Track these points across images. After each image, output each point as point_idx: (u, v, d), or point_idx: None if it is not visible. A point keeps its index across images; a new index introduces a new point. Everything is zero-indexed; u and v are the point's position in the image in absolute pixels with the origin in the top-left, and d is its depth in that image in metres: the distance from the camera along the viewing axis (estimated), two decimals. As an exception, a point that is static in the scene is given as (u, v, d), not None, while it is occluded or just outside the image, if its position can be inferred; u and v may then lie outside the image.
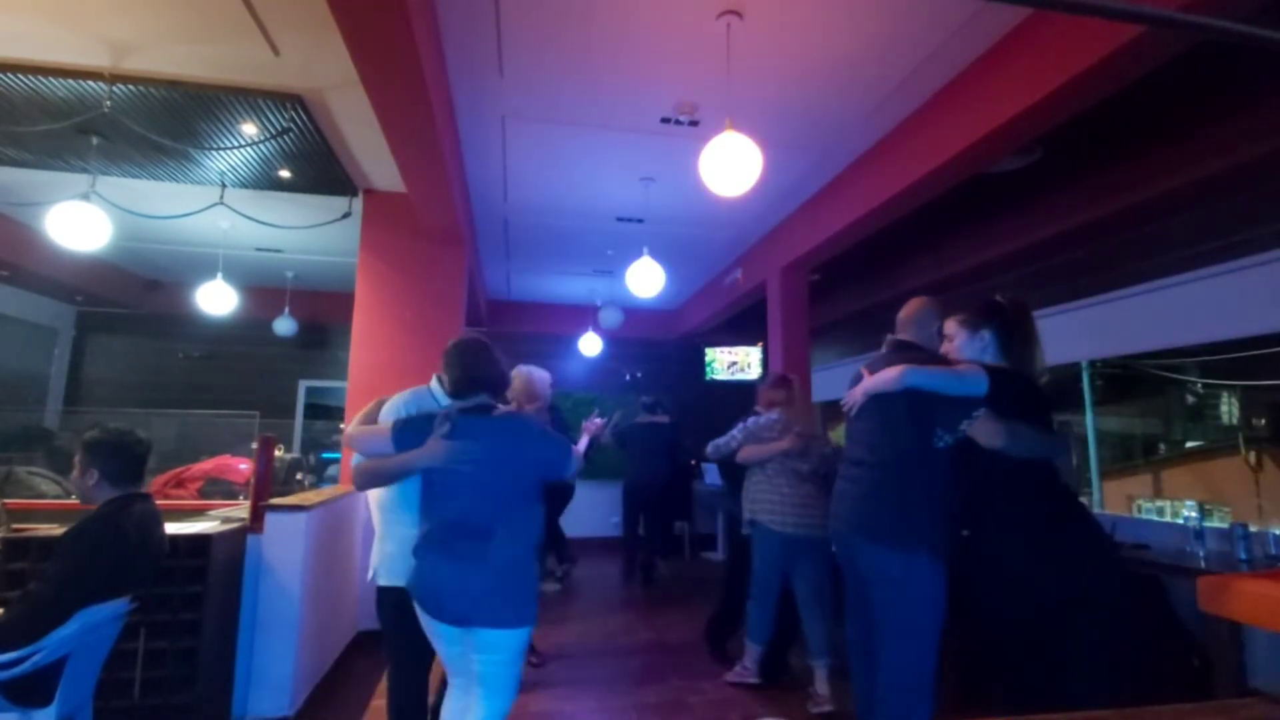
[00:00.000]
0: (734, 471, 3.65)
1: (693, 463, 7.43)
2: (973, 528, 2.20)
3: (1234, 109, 3.24)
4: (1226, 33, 0.65)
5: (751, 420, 3.55)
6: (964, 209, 4.58)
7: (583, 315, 7.79)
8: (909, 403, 2.10)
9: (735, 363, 8.18)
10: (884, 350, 2.38)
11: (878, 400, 2.18)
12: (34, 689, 1.85)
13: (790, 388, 3.60)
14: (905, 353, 2.29)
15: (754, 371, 8.06)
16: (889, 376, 2.11)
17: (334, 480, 4.85)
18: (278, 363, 7.62)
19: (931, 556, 2.11)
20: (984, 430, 2.07)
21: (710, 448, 3.60)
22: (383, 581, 2.10)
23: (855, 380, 2.32)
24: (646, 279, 4.56)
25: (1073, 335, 4.47)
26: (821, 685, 3.20)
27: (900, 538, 2.11)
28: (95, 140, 3.71)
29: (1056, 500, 2.11)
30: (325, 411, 7.78)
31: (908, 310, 2.44)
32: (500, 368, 2.07)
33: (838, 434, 3.68)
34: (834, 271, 6.02)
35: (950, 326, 2.36)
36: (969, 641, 2.82)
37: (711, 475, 6.95)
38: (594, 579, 6.14)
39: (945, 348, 2.36)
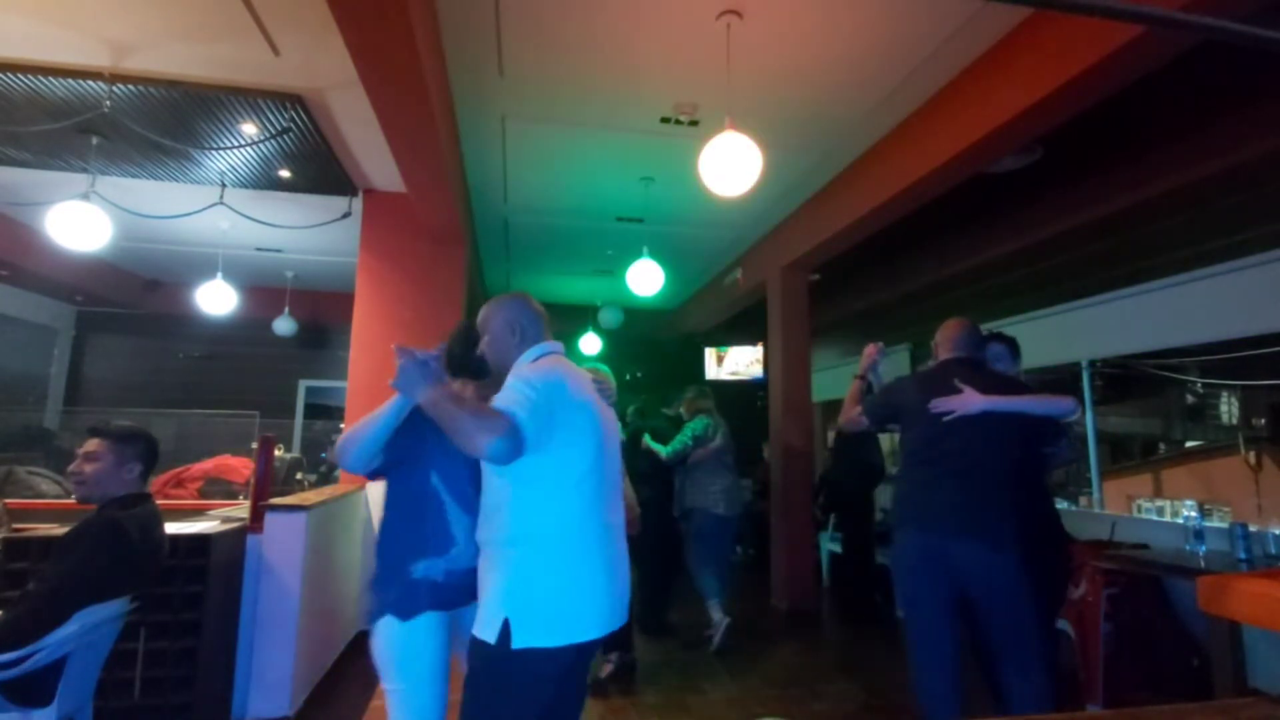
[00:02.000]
0: (664, 471, 4.38)
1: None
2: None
3: (1234, 109, 3.24)
4: (1226, 33, 0.65)
5: (705, 423, 4.23)
6: (965, 209, 4.58)
7: (583, 315, 7.79)
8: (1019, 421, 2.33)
9: (735, 372, 8.16)
10: (951, 369, 2.47)
11: (985, 415, 2.31)
12: (34, 689, 1.85)
13: (711, 396, 4.47)
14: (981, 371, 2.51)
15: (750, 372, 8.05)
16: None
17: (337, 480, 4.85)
18: (278, 363, 7.62)
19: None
20: None
21: (671, 454, 4.22)
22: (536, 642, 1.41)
23: (940, 388, 2.38)
24: (646, 279, 4.57)
25: (1073, 335, 4.47)
26: (716, 613, 4.10)
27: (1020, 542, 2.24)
28: (95, 140, 3.71)
29: None
30: (325, 411, 7.78)
31: (957, 330, 2.57)
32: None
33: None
34: (834, 271, 6.02)
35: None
36: None
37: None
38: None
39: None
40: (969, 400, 2.29)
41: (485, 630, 1.42)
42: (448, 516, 1.65)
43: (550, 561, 1.45)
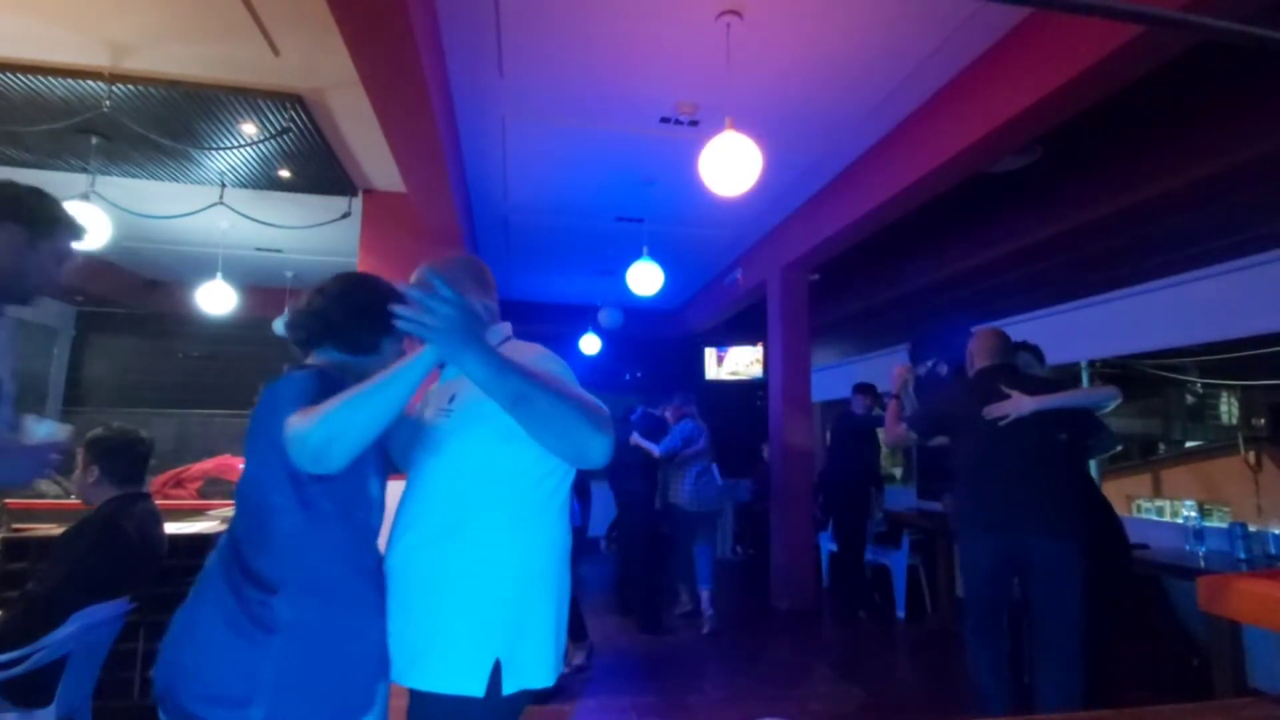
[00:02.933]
0: (652, 467, 4.65)
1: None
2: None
3: (1234, 109, 3.24)
4: (1227, 33, 0.65)
5: (691, 427, 4.59)
6: (964, 208, 4.57)
7: (583, 315, 7.79)
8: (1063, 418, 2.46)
9: (735, 372, 8.16)
10: (990, 377, 2.61)
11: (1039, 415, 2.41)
12: (34, 689, 1.85)
13: (694, 401, 4.84)
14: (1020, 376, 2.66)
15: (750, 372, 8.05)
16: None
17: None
18: (278, 363, 7.57)
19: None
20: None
21: (666, 451, 4.48)
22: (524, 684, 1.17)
23: (989, 395, 2.49)
24: (646, 279, 4.57)
25: (1073, 335, 4.47)
26: (708, 606, 4.45)
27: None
28: (95, 140, 3.71)
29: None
30: (325, 411, 7.76)
31: (991, 339, 2.73)
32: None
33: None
34: (834, 271, 6.02)
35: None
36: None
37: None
38: (593, 578, 6.14)
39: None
40: (1021, 403, 2.39)
41: (463, 683, 1.10)
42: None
43: (541, 587, 1.19)
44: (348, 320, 1.29)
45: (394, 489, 1.31)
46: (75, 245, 1.46)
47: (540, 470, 1.20)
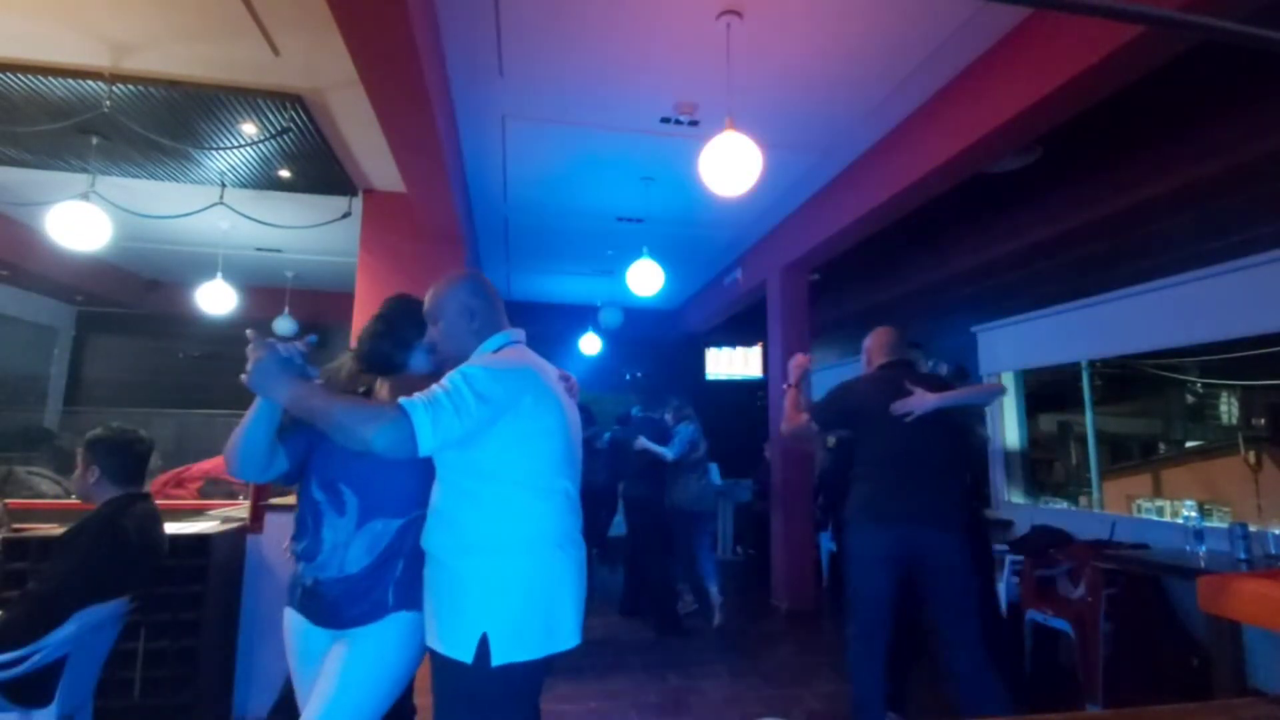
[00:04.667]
0: (659, 470, 4.65)
1: None
2: None
3: (1234, 109, 3.24)
4: (1226, 33, 0.65)
5: (693, 429, 4.66)
6: (964, 209, 4.57)
7: (583, 315, 7.79)
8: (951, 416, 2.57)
9: (734, 371, 8.18)
10: (892, 373, 2.70)
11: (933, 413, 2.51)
12: (34, 689, 1.85)
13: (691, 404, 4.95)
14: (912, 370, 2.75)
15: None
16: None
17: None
18: (277, 363, 7.60)
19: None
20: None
21: (678, 455, 4.54)
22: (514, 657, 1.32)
23: (894, 391, 2.56)
24: (646, 279, 4.57)
25: (1073, 335, 4.46)
26: (718, 597, 4.56)
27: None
28: (95, 140, 3.71)
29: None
30: (325, 411, 7.77)
31: (890, 336, 2.83)
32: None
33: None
34: (834, 271, 6.02)
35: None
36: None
37: (713, 474, 6.95)
38: (592, 578, 6.14)
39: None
40: (925, 400, 2.48)
41: (456, 648, 1.30)
42: (321, 520, 1.50)
43: (528, 567, 1.35)
44: (398, 352, 1.61)
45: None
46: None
47: (496, 464, 1.37)
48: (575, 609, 1.41)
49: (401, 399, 1.29)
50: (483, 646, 1.28)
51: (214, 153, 3.92)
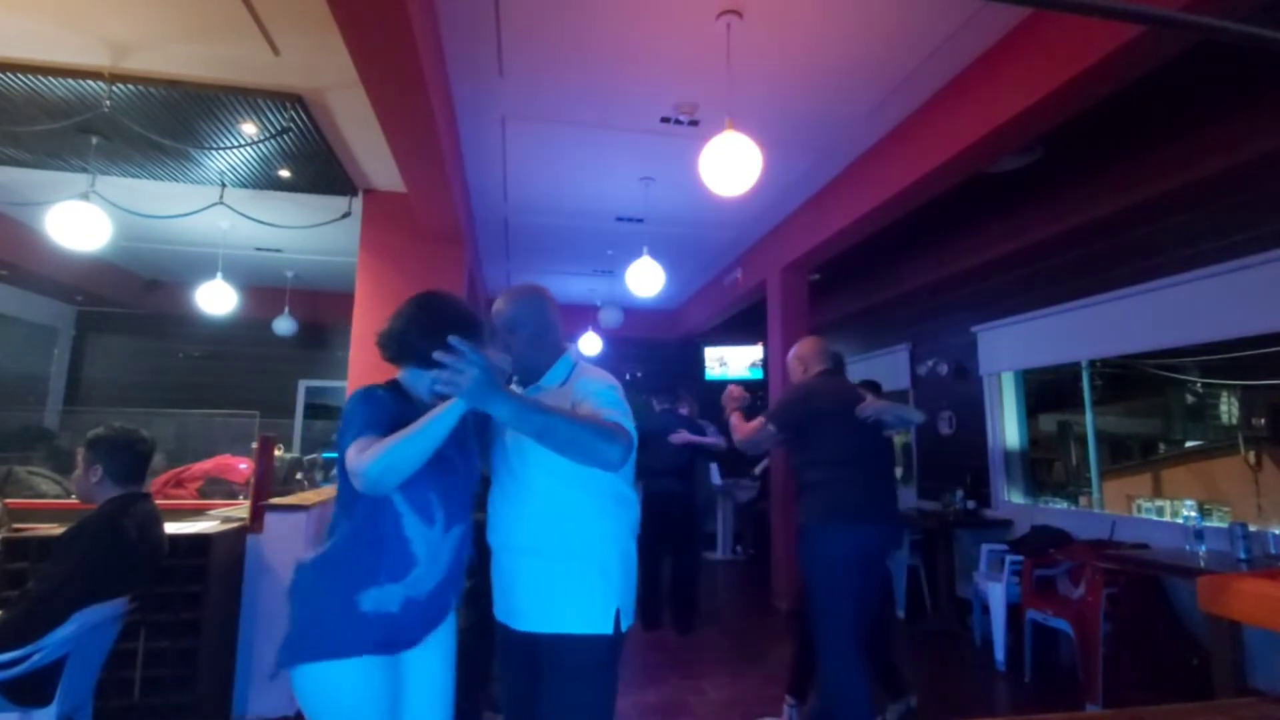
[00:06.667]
0: (691, 464, 4.72)
1: None
2: None
3: (1234, 109, 3.24)
4: (1226, 33, 0.65)
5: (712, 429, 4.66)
6: (964, 209, 4.58)
7: (583, 315, 7.79)
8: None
9: (733, 371, 8.21)
10: (837, 379, 2.87)
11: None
12: (34, 689, 1.85)
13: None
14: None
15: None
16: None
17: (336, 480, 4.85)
18: (278, 363, 7.62)
19: None
20: None
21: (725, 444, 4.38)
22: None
23: (850, 396, 2.69)
24: (646, 279, 4.56)
25: (1073, 335, 4.46)
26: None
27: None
28: (95, 140, 3.71)
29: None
30: (325, 411, 7.77)
31: (822, 344, 2.96)
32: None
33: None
34: (834, 271, 6.02)
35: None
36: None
37: (712, 474, 6.96)
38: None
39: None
40: (880, 405, 2.64)
41: (599, 624, 1.49)
42: (409, 534, 1.40)
43: (632, 551, 1.60)
44: (423, 341, 1.44)
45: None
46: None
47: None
48: None
49: (606, 415, 1.42)
50: (617, 619, 1.51)
51: (214, 153, 3.92)
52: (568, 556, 1.52)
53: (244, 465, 4.54)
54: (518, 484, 1.56)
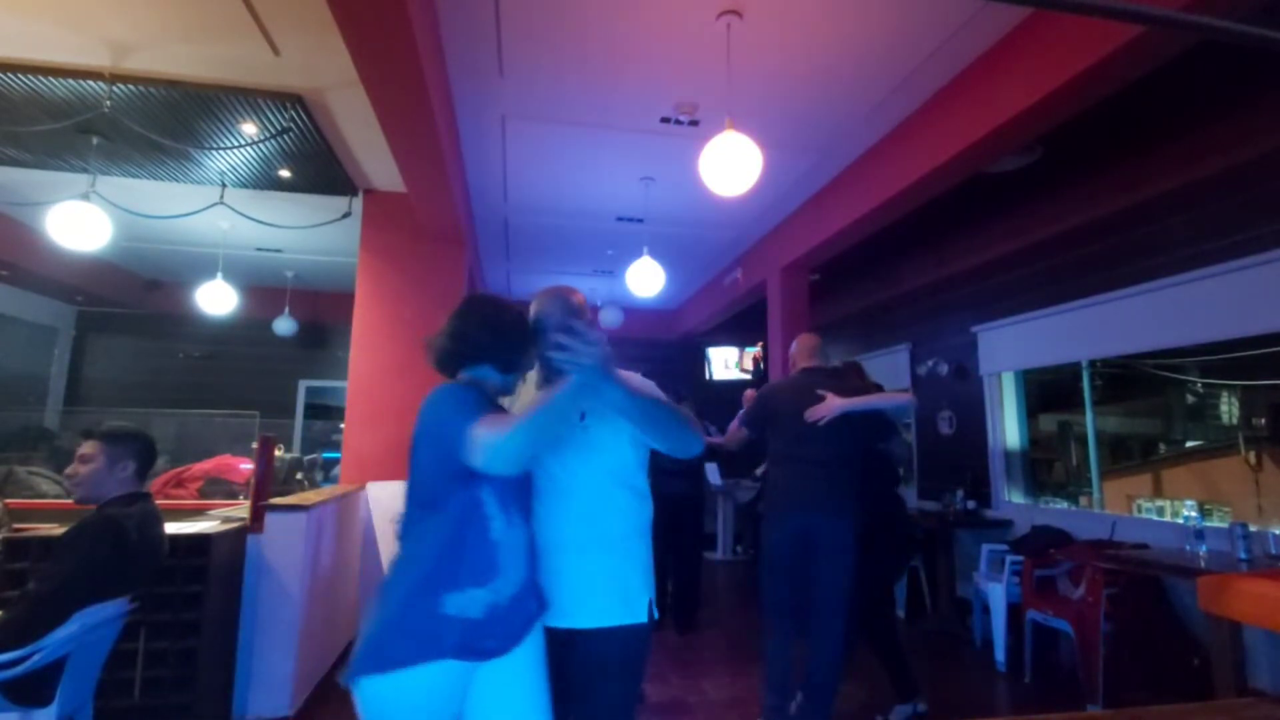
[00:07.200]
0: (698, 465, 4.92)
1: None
2: None
3: (1234, 109, 3.24)
4: (1227, 33, 0.65)
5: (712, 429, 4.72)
6: (964, 209, 4.58)
7: (583, 315, 7.78)
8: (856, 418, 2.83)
9: (734, 371, 8.22)
10: (811, 376, 2.96)
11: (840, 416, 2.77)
12: (34, 689, 1.85)
13: None
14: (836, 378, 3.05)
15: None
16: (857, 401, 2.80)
17: (337, 480, 4.85)
18: (278, 363, 7.62)
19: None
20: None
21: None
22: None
23: (808, 395, 2.81)
24: (646, 279, 4.56)
25: (1073, 335, 4.46)
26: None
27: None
28: (95, 140, 3.71)
29: None
30: (325, 411, 7.78)
31: (814, 342, 3.09)
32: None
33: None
34: (834, 271, 6.02)
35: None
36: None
37: (712, 475, 6.95)
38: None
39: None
40: (833, 405, 2.73)
41: (642, 613, 1.56)
42: (497, 534, 1.36)
43: (651, 545, 1.66)
44: (498, 343, 1.50)
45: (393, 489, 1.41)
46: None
47: (638, 462, 1.65)
48: None
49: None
50: (650, 608, 1.59)
51: (214, 153, 3.92)
52: (607, 551, 1.57)
53: (244, 465, 4.54)
54: (554, 483, 1.58)
